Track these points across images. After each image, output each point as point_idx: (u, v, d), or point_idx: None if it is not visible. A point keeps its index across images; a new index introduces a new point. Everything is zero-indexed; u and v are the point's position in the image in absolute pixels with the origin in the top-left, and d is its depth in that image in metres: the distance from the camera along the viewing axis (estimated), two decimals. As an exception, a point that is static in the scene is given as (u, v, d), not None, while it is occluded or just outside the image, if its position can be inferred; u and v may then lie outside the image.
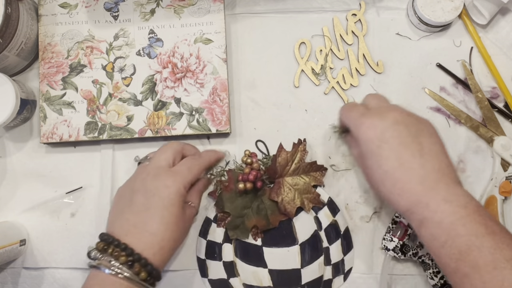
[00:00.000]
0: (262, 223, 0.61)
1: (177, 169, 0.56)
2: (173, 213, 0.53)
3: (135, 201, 0.54)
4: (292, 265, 0.61)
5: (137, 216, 0.53)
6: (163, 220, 0.52)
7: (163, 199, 0.53)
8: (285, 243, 0.62)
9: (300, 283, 0.61)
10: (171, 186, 0.54)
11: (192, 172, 0.57)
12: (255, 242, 0.62)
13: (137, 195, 0.54)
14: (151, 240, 0.51)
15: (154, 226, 0.52)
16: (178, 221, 0.54)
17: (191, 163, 0.58)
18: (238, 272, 0.62)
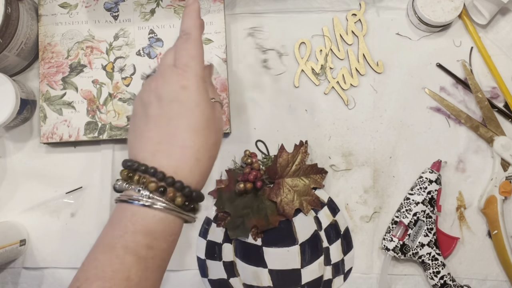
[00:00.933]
0: (262, 223, 0.61)
1: (182, 63, 0.45)
2: (200, 115, 0.43)
3: (152, 115, 0.44)
4: (292, 265, 0.61)
5: (159, 130, 0.43)
6: (191, 127, 0.43)
7: (184, 102, 0.43)
8: (285, 243, 0.62)
9: (300, 283, 0.61)
10: (189, 86, 0.44)
11: (196, 58, 0.45)
12: (255, 242, 0.62)
13: (151, 108, 0.44)
14: (184, 154, 0.42)
15: (184, 136, 0.43)
16: (209, 124, 0.44)
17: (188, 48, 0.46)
18: (238, 272, 0.62)
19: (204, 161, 0.44)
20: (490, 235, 0.63)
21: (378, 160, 0.65)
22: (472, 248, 0.63)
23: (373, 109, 0.66)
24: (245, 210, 0.61)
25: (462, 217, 0.64)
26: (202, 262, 0.63)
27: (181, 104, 0.43)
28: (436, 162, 0.64)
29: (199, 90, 0.44)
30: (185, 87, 0.44)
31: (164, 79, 0.45)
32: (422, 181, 0.62)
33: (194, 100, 0.44)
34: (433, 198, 0.62)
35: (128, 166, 0.43)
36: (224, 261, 0.62)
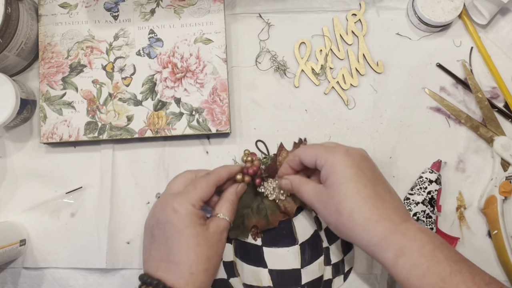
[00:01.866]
0: (262, 223, 0.61)
1: (182, 191, 0.55)
2: (190, 235, 0.51)
3: (155, 236, 0.53)
4: (292, 265, 0.61)
5: (159, 250, 0.52)
6: (182, 246, 0.51)
7: (175, 224, 0.51)
8: (285, 243, 0.62)
9: (300, 283, 0.61)
10: (178, 209, 0.52)
11: (198, 188, 0.54)
12: (255, 242, 0.62)
13: (154, 230, 0.53)
14: (178, 270, 0.50)
15: (176, 255, 0.51)
16: (200, 241, 0.51)
17: (197, 181, 0.56)
18: (238, 272, 0.62)
19: (198, 274, 0.50)
20: (490, 235, 0.63)
21: (378, 160, 0.65)
22: (472, 248, 0.63)
23: (373, 109, 0.66)
24: (245, 210, 0.61)
25: (462, 217, 0.64)
26: (202, 262, 0.63)
27: (173, 226, 0.51)
28: (436, 162, 0.64)
29: (188, 213, 0.52)
30: (175, 210, 0.52)
31: (162, 204, 0.54)
32: (422, 181, 0.62)
33: (182, 222, 0.51)
34: (433, 198, 0.62)
35: (141, 278, 0.51)
36: (224, 261, 0.62)
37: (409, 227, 0.49)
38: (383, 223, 0.49)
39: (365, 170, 0.52)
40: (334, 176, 0.51)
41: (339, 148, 0.53)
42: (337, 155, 0.52)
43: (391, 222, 0.49)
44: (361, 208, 0.49)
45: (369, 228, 0.49)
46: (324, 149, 0.54)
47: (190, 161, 0.66)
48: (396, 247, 0.48)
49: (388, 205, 0.50)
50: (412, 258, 0.47)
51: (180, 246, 0.51)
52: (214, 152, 0.66)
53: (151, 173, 0.66)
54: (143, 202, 0.65)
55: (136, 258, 0.64)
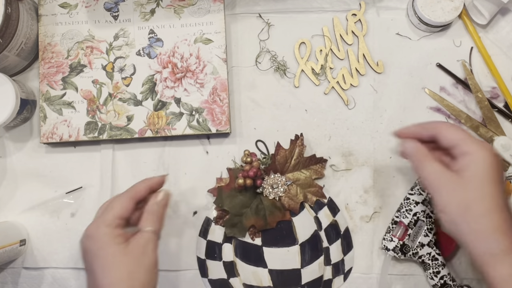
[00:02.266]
0: (260, 223, 0.61)
1: (99, 214, 0.53)
2: (105, 256, 0.49)
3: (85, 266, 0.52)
4: (292, 265, 0.61)
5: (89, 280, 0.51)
6: (101, 270, 0.49)
7: (91, 250, 0.50)
8: (285, 243, 0.62)
9: (300, 283, 0.61)
10: (92, 234, 0.51)
11: (113, 207, 0.52)
12: (255, 242, 0.62)
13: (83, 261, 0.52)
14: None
15: (99, 281, 0.48)
16: (117, 259, 0.49)
17: (112, 200, 0.54)
18: (238, 272, 0.62)
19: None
20: (490, 235, 0.63)
21: (378, 160, 0.65)
22: (472, 248, 0.63)
23: (373, 109, 0.66)
24: (244, 209, 0.61)
25: (462, 217, 0.64)
26: (202, 262, 0.63)
27: (90, 253, 0.50)
28: (436, 162, 0.64)
29: (101, 235, 0.50)
30: (89, 237, 0.51)
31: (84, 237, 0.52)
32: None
33: (98, 245, 0.50)
34: (433, 198, 0.62)
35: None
36: (224, 261, 0.62)
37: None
38: (509, 238, 0.46)
39: (502, 179, 0.49)
40: (478, 172, 0.48)
41: (489, 147, 0.49)
42: (487, 153, 0.48)
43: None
44: (493, 215, 0.47)
45: (494, 238, 0.46)
46: (472, 139, 0.50)
47: (190, 161, 0.66)
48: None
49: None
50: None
51: (100, 270, 0.49)
52: (214, 152, 0.66)
53: (151, 173, 0.66)
54: (143, 202, 0.65)
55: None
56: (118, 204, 0.52)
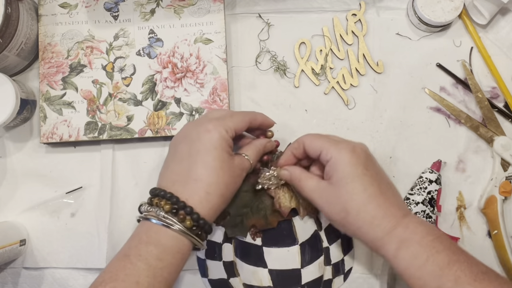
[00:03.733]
0: (261, 222, 0.61)
1: (218, 116, 0.55)
2: (216, 156, 0.51)
3: (179, 151, 0.53)
4: (292, 265, 0.61)
5: (181, 164, 0.52)
6: (206, 164, 0.51)
7: (204, 143, 0.51)
8: (285, 243, 0.62)
9: (300, 283, 0.61)
10: (212, 130, 0.52)
11: (234, 118, 0.55)
12: (255, 242, 0.62)
13: (180, 145, 0.53)
14: (196, 186, 0.50)
15: (198, 171, 0.51)
16: (224, 165, 0.51)
17: (234, 112, 0.57)
18: (238, 272, 0.62)
19: (213, 196, 0.51)
20: (490, 235, 0.63)
21: (378, 160, 0.65)
22: (472, 248, 0.63)
23: (373, 109, 0.66)
24: (244, 209, 0.61)
25: (462, 217, 0.64)
26: (202, 262, 0.63)
27: (202, 144, 0.51)
28: (436, 162, 0.64)
29: (220, 136, 0.52)
30: (208, 130, 0.52)
31: (195, 124, 0.54)
32: (422, 181, 0.62)
33: (213, 142, 0.51)
34: (433, 198, 0.62)
35: (151, 191, 0.52)
36: (224, 261, 0.62)
37: (410, 221, 0.51)
38: (387, 219, 0.50)
39: (369, 168, 0.52)
40: (341, 174, 0.52)
41: (345, 145, 0.53)
42: (344, 152, 0.52)
43: (395, 217, 0.50)
44: (367, 206, 0.51)
45: (375, 225, 0.50)
46: (330, 143, 0.54)
47: (190, 161, 0.66)
48: (398, 240, 0.49)
49: (391, 202, 0.51)
50: (412, 249, 0.49)
51: (204, 164, 0.51)
52: (214, 152, 0.66)
53: (151, 173, 0.65)
54: (143, 202, 0.65)
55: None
56: (240, 118, 0.55)
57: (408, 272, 0.48)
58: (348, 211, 0.51)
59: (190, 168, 0.51)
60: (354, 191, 0.51)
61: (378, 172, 0.54)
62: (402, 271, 0.49)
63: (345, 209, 0.51)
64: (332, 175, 0.52)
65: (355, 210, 0.51)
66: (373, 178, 0.52)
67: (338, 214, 0.52)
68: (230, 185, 0.53)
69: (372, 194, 0.51)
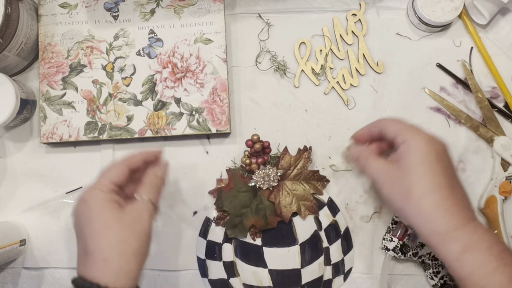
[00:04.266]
0: (261, 223, 0.61)
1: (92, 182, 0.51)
2: (98, 220, 0.47)
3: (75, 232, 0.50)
4: (292, 265, 0.61)
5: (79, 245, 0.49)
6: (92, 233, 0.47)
7: (85, 214, 0.48)
8: (285, 243, 0.62)
9: (300, 283, 0.61)
10: (86, 198, 0.49)
11: (107, 172, 0.51)
12: (255, 242, 0.62)
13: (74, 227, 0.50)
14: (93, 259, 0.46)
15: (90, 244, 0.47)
16: (110, 224, 0.47)
17: (106, 167, 0.53)
18: (238, 272, 0.62)
19: (113, 259, 0.46)
20: (490, 235, 0.63)
21: (378, 160, 0.65)
22: (472, 248, 0.63)
23: (373, 109, 0.66)
24: (244, 210, 0.61)
25: (462, 217, 0.64)
26: (202, 262, 0.63)
27: (84, 216, 0.48)
28: (436, 162, 0.64)
29: (95, 199, 0.48)
30: (85, 200, 0.49)
31: (77, 202, 0.50)
32: (422, 181, 0.62)
33: (91, 209, 0.48)
34: (433, 198, 0.61)
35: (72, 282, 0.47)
36: (224, 261, 0.62)
37: (478, 227, 0.48)
38: (451, 216, 0.47)
39: (442, 161, 0.50)
40: (412, 157, 0.50)
41: (424, 133, 0.51)
42: (420, 137, 0.50)
43: (460, 216, 0.47)
44: (432, 194, 0.48)
45: (437, 216, 0.47)
46: (409, 128, 0.52)
47: (190, 161, 0.66)
48: (464, 242, 0.46)
49: (459, 200, 0.49)
50: (480, 255, 0.46)
51: (91, 233, 0.47)
52: (214, 152, 0.66)
53: (151, 173, 0.65)
54: (143, 202, 0.65)
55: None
56: (113, 170, 0.51)
57: (471, 279, 0.46)
58: (411, 194, 0.48)
59: (84, 244, 0.48)
60: (423, 175, 0.49)
61: (450, 168, 0.51)
62: (464, 276, 0.46)
63: (408, 192, 0.49)
64: (403, 157, 0.50)
65: (419, 195, 0.48)
66: (444, 170, 0.49)
67: (399, 196, 0.50)
68: (127, 238, 0.47)
69: (440, 184, 0.48)
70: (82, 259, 0.48)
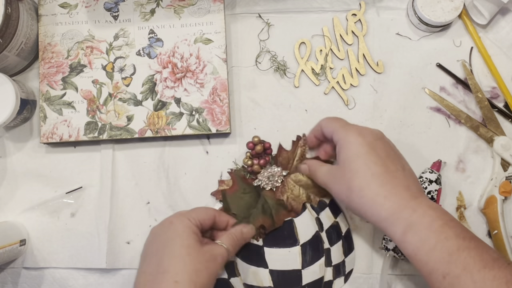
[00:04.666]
0: (268, 222, 0.61)
1: (181, 212, 0.56)
2: (181, 244, 0.51)
3: (148, 251, 0.53)
4: (292, 266, 0.61)
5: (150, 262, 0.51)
6: (172, 254, 0.50)
7: (169, 235, 0.52)
8: (286, 244, 0.62)
9: (301, 284, 0.61)
10: (174, 221, 0.53)
11: (197, 210, 0.56)
12: (256, 242, 0.62)
13: (149, 245, 0.53)
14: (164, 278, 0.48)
15: (165, 263, 0.49)
16: (191, 251, 0.50)
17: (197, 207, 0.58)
18: (239, 272, 0.62)
19: (184, 284, 0.48)
20: (490, 235, 0.63)
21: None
22: (472, 248, 0.63)
23: (373, 109, 0.66)
24: (251, 210, 0.61)
25: (462, 217, 0.64)
26: (202, 262, 0.63)
27: (167, 236, 0.52)
28: (436, 162, 0.64)
29: (183, 224, 0.52)
30: (171, 222, 0.53)
31: (160, 223, 0.55)
32: (422, 181, 0.62)
33: (177, 231, 0.52)
34: (433, 198, 0.62)
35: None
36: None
37: (420, 204, 0.50)
38: (392, 199, 0.50)
39: (377, 149, 0.52)
40: (346, 153, 0.53)
41: (354, 128, 0.55)
42: (350, 133, 0.53)
43: (401, 198, 0.50)
44: (370, 184, 0.50)
45: (378, 203, 0.50)
46: (341, 125, 0.55)
47: (190, 161, 0.66)
48: (405, 222, 0.49)
49: (399, 182, 0.51)
50: (420, 233, 0.48)
51: (170, 254, 0.50)
52: (214, 152, 0.66)
53: (151, 173, 0.66)
54: (143, 202, 0.65)
55: (136, 258, 0.64)
56: (203, 210, 0.56)
57: (416, 257, 0.48)
58: (352, 189, 0.51)
59: (158, 263, 0.50)
60: (358, 169, 0.51)
61: (388, 153, 0.53)
62: (409, 255, 0.49)
63: (349, 188, 0.52)
64: (339, 155, 0.53)
65: (358, 188, 0.51)
66: (379, 158, 0.52)
67: (343, 193, 0.53)
68: (201, 271, 0.50)
69: (376, 173, 0.51)
70: (150, 276, 0.50)
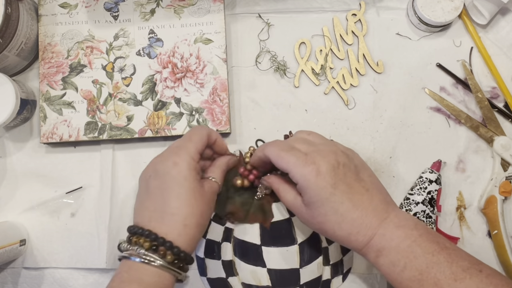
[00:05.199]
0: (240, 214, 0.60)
1: (179, 144, 0.55)
2: (188, 188, 0.52)
3: (151, 187, 0.53)
4: (291, 265, 0.61)
5: (155, 200, 0.52)
6: (179, 197, 0.51)
7: (175, 176, 0.52)
8: (284, 243, 0.61)
9: (299, 283, 0.61)
10: (179, 162, 0.52)
11: (193, 140, 0.55)
12: (254, 241, 0.62)
13: (151, 181, 0.53)
14: (173, 220, 0.50)
15: (173, 205, 0.51)
16: (196, 195, 0.52)
17: (190, 133, 0.56)
18: (237, 271, 0.62)
19: (191, 227, 0.51)
20: (490, 235, 0.63)
21: (378, 160, 0.65)
22: (472, 248, 0.63)
23: (373, 109, 0.66)
24: (237, 191, 0.61)
25: (462, 217, 0.64)
26: (201, 261, 0.63)
27: (172, 178, 0.52)
28: (436, 162, 0.64)
29: (188, 166, 0.52)
30: (176, 163, 0.52)
31: (162, 157, 0.54)
32: (422, 181, 0.62)
33: (183, 174, 0.52)
34: (433, 198, 0.62)
35: (129, 230, 0.52)
36: (223, 260, 0.62)
37: (388, 226, 0.50)
38: (363, 233, 0.50)
39: (338, 186, 0.50)
40: (310, 199, 0.51)
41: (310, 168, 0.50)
42: (308, 177, 0.50)
43: (371, 228, 0.50)
44: (341, 225, 0.51)
45: (352, 240, 0.51)
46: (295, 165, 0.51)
47: (190, 161, 0.66)
48: (375, 249, 0.50)
49: (366, 208, 0.51)
50: (390, 256, 0.49)
51: (178, 197, 0.51)
52: (214, 152, 0.66)
53: (151, 173, 0.65)
54: (143, 202, 0.65)
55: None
56: (197, 137, 0.55)
57: (390, 277, 0.50)
58: (325, 230, 0.52)
59: (165, 203, 0.51)
60: (326, 213, 0.51)
61: (349, 183, 0.51)
62: (384, 276, 0.51)
63: (322, 229, 0.52)
64: (304, 196, 0.52)
65: (331, 230, 0.51)
66: (343, 195, 0.50)
67: (318, 230, 0.54)
68: (205, 212, 0.53)
69: (344, 212, 0.50)
70: (156, 214, 0.51)
